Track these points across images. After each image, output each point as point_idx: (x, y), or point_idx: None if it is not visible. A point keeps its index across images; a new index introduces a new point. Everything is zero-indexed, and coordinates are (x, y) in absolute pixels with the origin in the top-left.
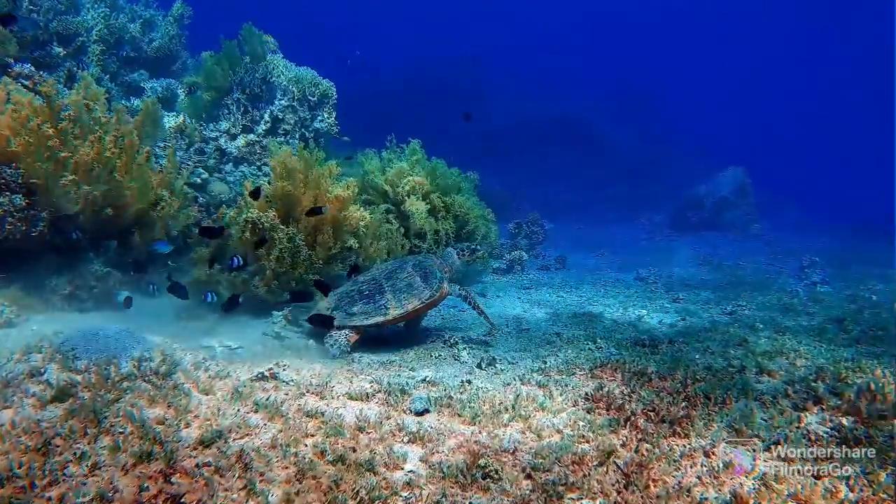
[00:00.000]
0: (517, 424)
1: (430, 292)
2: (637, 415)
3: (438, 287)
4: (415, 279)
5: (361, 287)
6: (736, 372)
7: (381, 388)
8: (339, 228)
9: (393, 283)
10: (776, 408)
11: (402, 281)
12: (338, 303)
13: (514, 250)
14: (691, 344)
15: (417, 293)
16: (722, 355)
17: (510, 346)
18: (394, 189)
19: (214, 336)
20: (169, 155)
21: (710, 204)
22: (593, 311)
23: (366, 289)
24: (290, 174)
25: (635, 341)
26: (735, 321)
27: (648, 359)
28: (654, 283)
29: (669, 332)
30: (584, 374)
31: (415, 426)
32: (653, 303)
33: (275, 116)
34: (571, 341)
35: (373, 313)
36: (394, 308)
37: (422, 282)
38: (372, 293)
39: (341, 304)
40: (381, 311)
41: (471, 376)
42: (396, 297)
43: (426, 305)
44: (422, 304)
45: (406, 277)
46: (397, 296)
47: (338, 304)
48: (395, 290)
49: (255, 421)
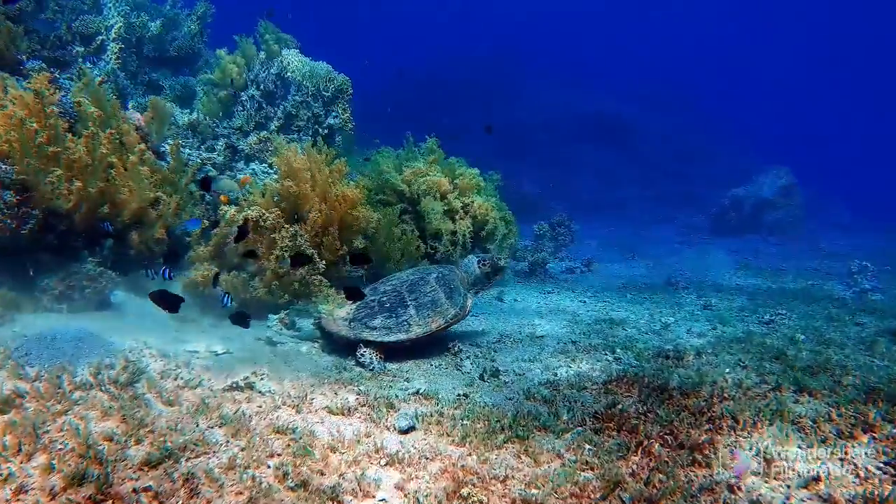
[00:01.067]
0: (513, 446)
1: (454, 311)
2: (652, 438)
3: (463, 305)
4: (439, 295)
5: (382, 298)
6: (770, 390)
7: (367, 402)
8: (349, 229)
9: (416, 297)
10: (817, 435)
11: (425, 295)
12: (356, 313)
13: (537, 252)
14: (721, 356)
15: (442, 311)
16: (756, 370)
17: (520, 355)
18: (410, 188)
19: (204, 339)
20: (172, 151)
21: (751, 205)
22: (615, 318)
23: (387, 300)
24: (295, 173)
25: (658, 352)
26: (773, 331)
27: (671, 372)
28: (686, 288)
29: (698, 342)
30: (597, 389)
31: (395, 446)
32: (682, 310)
33: (287, 112)
34: (588, 351)
35: (395, 329)
36: (416, 325)
37: (446, 299)
38: (394, 306)
39: (360, 314)
40: (403, 327)
41: (470, 389)
42: (420, 314)
43: (450, 324)
44: (446, 323)
45: (430, 292)
46: (420, 312)
47: (356, 315)
48: (418, 306)
49: (217, 437)
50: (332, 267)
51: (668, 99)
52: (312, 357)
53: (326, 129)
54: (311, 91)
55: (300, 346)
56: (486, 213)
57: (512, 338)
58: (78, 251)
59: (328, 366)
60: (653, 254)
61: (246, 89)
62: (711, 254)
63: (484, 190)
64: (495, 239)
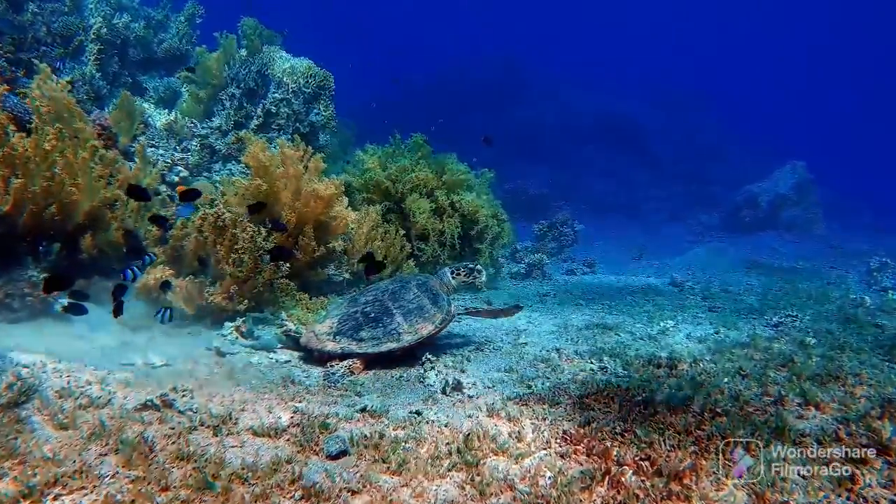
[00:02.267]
0: (458, 475)
1: (442, 315)
2: (625, 463)
3: (448, 310)
4: (424, 301)
5: (365, 309)
6: (772, 403)
7: (301, 421)
8: (325, 229)
9: (401, 305)
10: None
11: (410, 303)
12: (340, 326)
13: (535, 253)
14: (720, 364)
15: (430, 317)
16: (758, 379)
17: (496, 364)
18: (395, 186)
19: (146, 350)
20: (138, 151)
21: (766, 202)
22: (609, 323)
23: (371, 311)
24: (264, 169)
25: (649, 360)
26: (781, 335)
27: (660, 383)
28: (691, 289)
29: (696, 348)
30: (572, 404)
31: (319, 475)
32: (684, 312)
33: (267, 110)
34: (571, 359)
35: (384, 339)
36: (406, 333)
37: (432, 304)
38: (379, 316)
39: (345, 327)
40: (392, 336)
41: (426, 405)
42: (408, 321)
43: (438, 330)
44: (435, 328)
45: (415, 299)
46: (408, 319)
47: (341, 328)
48: (405, 313)
49: (106, 468)
50: (308, 269)
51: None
52: (261, 369)
53: (308, 126)
54: (292, 88)
55: (252, 357)
56: (476, 210)
57: (492, 345)
58: (21, 257)
59: (276, 378)
60: (661, 254)
61: (226, 87)
62: (722, 253)
63: (476, 187)
64: (486, 238)
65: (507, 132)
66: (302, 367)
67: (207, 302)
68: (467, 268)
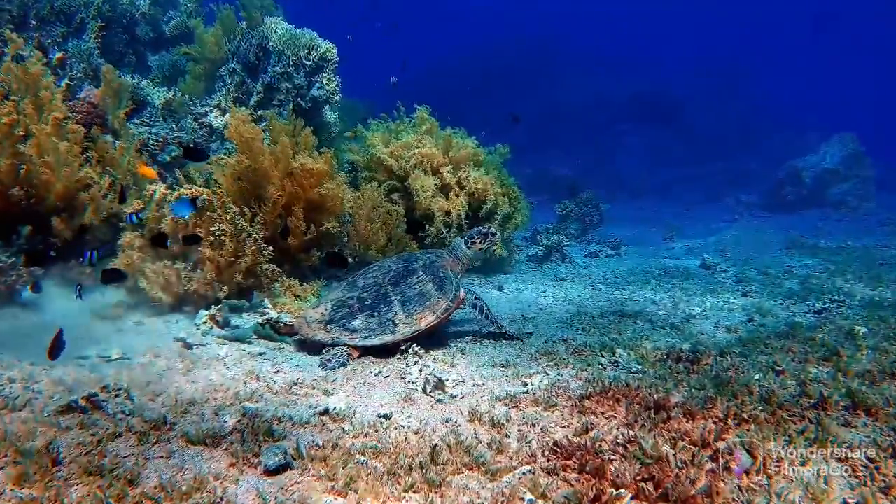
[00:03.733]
0: (416, 497)
1: (446, 303)
2: (624, 485)
3: (454, 296)
4: (427, 286)
5: (362, 294)
6: (812, 406)
7: (246, 426)
8: (319, 209)
9: (401, 291)
10: (873, 481)
11: (412, 288)
12: (333, 314)
13: (554, 234)
14: (752, 357)
15: (432, 305)
16: (795, 376)
17: (491, 357)
18: (398, 163)
19: (111, 342)
20: (118, 126)
21: (811, 178)
22: (627, 310)
23: (368, 296)
24: (248, 144)
25: (668, 352)
26: (825, 323)
27: (679, 380)
28: (724, 272)
29: (725, 338)
30: (570, 406)
31: (247, 496)
32: (715, 297)
33: (267, 85)
34: (578, 352)
35: (378, 331)
36: (403, 324)
37: (436, 290)
38: (376, 303)
39: (337, 315)
40: (387, 328)
41: (399, 407)
42: (406, 310)
43: (442, 320)
44: (437, 319)
45: (417, 284)
46: (407, 308)
47: (333, 317)
48: (404, 301)
49: None
50: (300, 253)
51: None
52: (228, 363)
53: (310, 101)
54: (293, 60)
55: (221, 349)
56: (485, 188)
57: (493, 335)
58: None
59: (239, 374)
60: (694, 234)
61: (227, 63)
62: (761, 232)
63: (487, 164)
64: (496, 219)
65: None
66: (275, 359)
67: (185, 289)
68: (481, 233)
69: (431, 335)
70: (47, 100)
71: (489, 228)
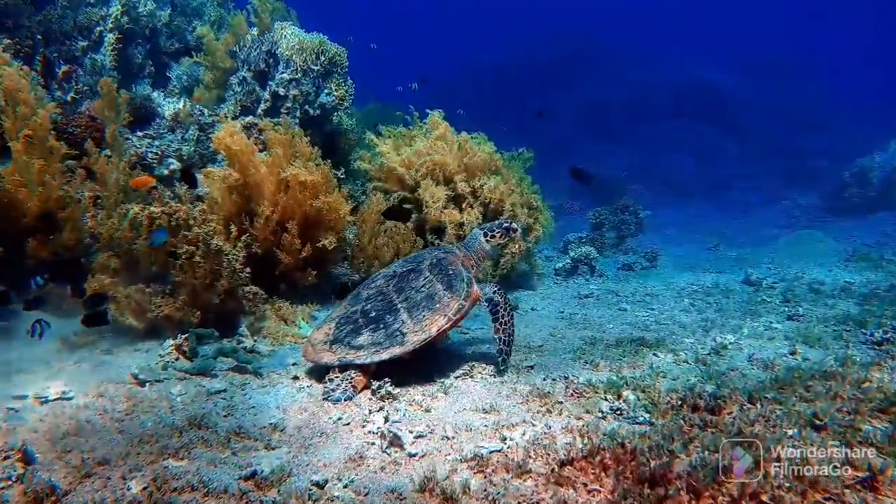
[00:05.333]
0: None
1: (458, 303)
2: None
3: (467, 293)
4: (435, 287)
5: (365, 306)
6: (859, 482)
7: (145, 497)
8: (317, 224)
9: (407, 297)
10: None
11: (418, 291)
12: (337, 332)
13: (582, 246)
14: (787, 404)
15: (442, 308)
16: (841, 436)
17: (475, 399)
18: (409, 172)
19: (58, 377)
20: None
21: (880, 178)
22: (648, 338)
23: (371, 308)
24: (235, 157)
25: (684, 397)
26: (886, 359)
27: (690, 438)
28: (770, 288)
29: (758, 377)
30: (546, 474)
31: None
32: (755, 321)
33: (274, 93)
34: (580, 394)
35: (385, 344)
36: (413, 333)
37: (445, 290)
38: (381, 314)
39: (342, 332)
40: (395, 339)
41: (342, 469)
42: (414, 317)
43: (455, 321)
44: (448, 321)
45: (424, 286)
46: (415, 314)
47: (337, 335)
48: (411, 307)
49: None
50: (294, 272)
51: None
52: (177, 403)
53: (318, 108)
54: (301, 66)
55: (176, 386)
56: (501, 198)
57: (487, 368)
58: None
59: (180, 420)
60: (744, 242)
61: (237, 71)
62: (817, 241)
63: (509, 169)
64: None
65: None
66: (233, 398)
67: (155, 315)
68: (502, 227)
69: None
70: (25, 116)
71: (511, 223)
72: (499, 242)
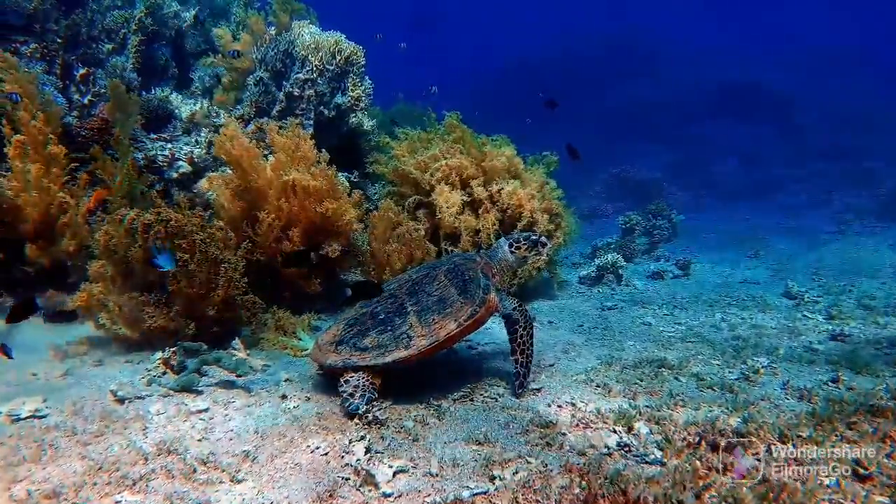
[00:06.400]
0: None
1: (471, 308)
2: None
3: (482, 299)
4: (448, 291)
5: (375, 308)
6: None
7: None
8: (324, 231)
9: (418, 300)
10: None
11: (430, 296)
12: (345, 333)
13: (610, 253)
14: (825, 446)
15: (453, 312)
16: (891, 488)
17: (471, 429)
18: (424, 176)
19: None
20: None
21: None
22: (670, 359)
23: (381, 310)
24: (237, 163)
25: (705, 432)
26: None
27: (705, 487)
28: (813, 302)
29: (793, 409)
30: None
31: None
32: (794, 341)
33: (289, 93)
34: (587, 423)
35: (390, 346)
36: (420, 336)
37: (459, 294)
38: (390, 316)
39: (349, 333)
40: (401, 341)
41: None
42: (423, 320)
43: (466, 328)
44: (458, 327)
45: (437, 290)
46: (423, 317)
47: (345, 335)
48: (421, 311)
49: None
50: (297, 280)
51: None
52: (150, 425)
53: (334, 109)
54: (316, 66)
55: (156, 404)
56: (519, 204)
57: (490, 390)
58: None
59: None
60: (788, 248)
61: (255, 72)
62: (870, 249)
63: (531, 172)
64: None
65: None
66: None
67: (149, 325)
68: (530, 239)
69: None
70: (24, 121)
71: (540, 236)
72: (524, 255)
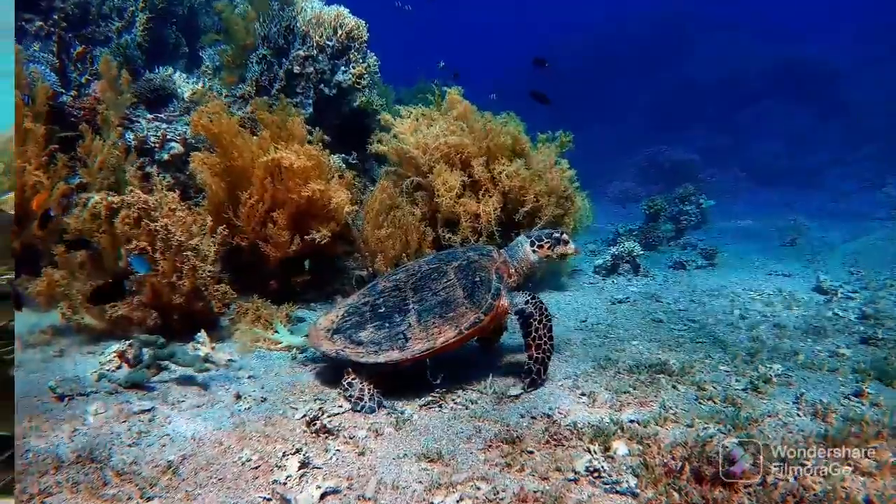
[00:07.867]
0: None
1: (475, 315)
2: None
3: (489, 306)
4: (455, 293)
5: (377, 300)
6: None
7: None
8: (310, 215)
9: (422, 297)
10: None
11: (435, 295)
12: (342, 322)
13: (627, 241)
14: (835, 477)
15: (455, 317)
16: None
17: (427, 442)
18: (424, 156)
19: None
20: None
21: None
22: (672, 364)
23: (382, 303)
24: (217, 140)
25: (691, 455)
26: None
27: None
28: (846, 299)
29: (802, 429)
30: None
31: None
32: (818, 344)
33: (289, 71)
34: (558, 441)
35: (385, 345)
36: (416, 339)
37: (465, 297)
38: (390, 311)
39: (346, 324)
40: (396, 342)
41: None
42: (422, 322)
43: (466, 336)
44: (458, 336)
45: (443, 289)
46: (424, 319)
47: (341, 325)
48: (422, 310)
49: None
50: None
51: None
52: (85, 425)
53: (335, 88)
54: (317, 42)
55: (93, 405)
56: (522, 186)
57: (464, 394)
58: None
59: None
60: (827, 236)
61: (257, 49)
62: None
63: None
64: (537, 224)
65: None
66: (154, 420)
67: (109, 314)
68: (552, 237)
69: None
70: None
71: (562, 234)
72: (546, 254)
